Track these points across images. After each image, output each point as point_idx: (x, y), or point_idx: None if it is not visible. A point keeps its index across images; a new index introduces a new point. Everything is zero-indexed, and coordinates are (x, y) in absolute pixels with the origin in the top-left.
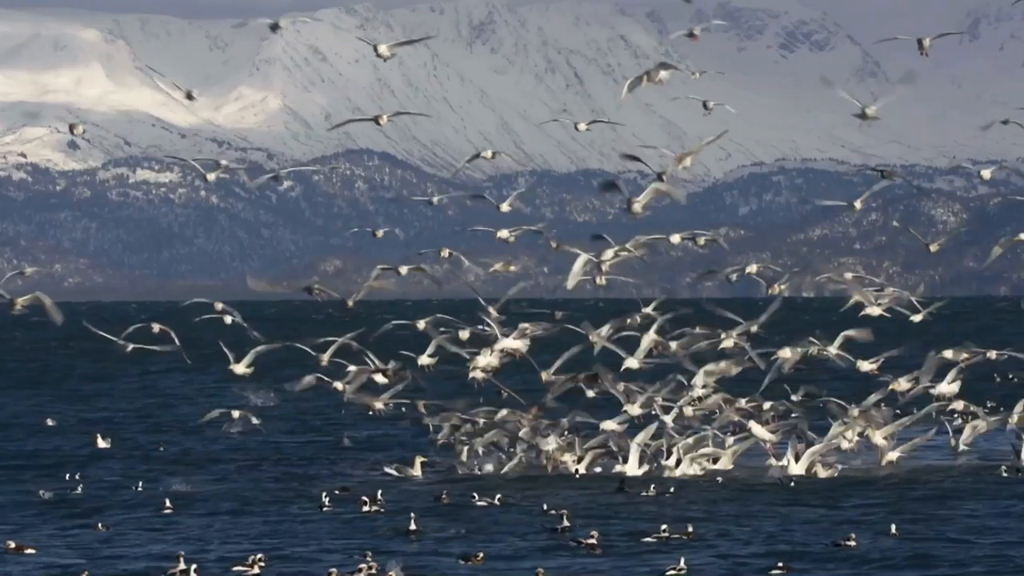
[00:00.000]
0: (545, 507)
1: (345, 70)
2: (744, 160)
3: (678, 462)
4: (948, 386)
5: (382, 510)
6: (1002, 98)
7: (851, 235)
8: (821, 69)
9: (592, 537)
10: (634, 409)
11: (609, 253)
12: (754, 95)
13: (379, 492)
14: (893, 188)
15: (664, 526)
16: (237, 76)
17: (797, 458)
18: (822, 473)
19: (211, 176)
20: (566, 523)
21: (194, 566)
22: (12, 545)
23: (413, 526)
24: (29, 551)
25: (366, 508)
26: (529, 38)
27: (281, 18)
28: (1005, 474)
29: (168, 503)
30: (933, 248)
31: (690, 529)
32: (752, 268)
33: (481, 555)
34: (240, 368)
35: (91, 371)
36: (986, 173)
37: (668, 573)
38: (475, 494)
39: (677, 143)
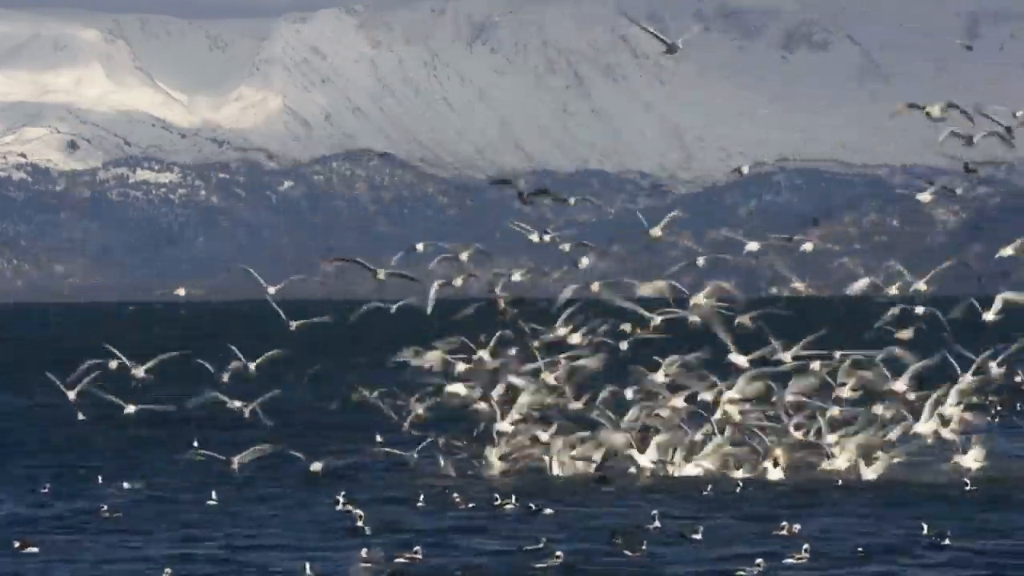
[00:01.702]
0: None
1: (345, 70)
2: (744, 160)
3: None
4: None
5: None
6: (1002, 99)
7: (851, 235)
8: (821, 69)
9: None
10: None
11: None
12: (754, 95)
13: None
14: (892, 188)
15: (784, 523)
16: (237, 76)
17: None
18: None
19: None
20: (658, 524)
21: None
22: (17, 544)
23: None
24: (31, 549)
25: (338, 508)
26: (529, 38)
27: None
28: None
29: (214, 498)
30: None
31: (796, 528)
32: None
33: (645, 545)
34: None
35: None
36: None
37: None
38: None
39: (676, 143)
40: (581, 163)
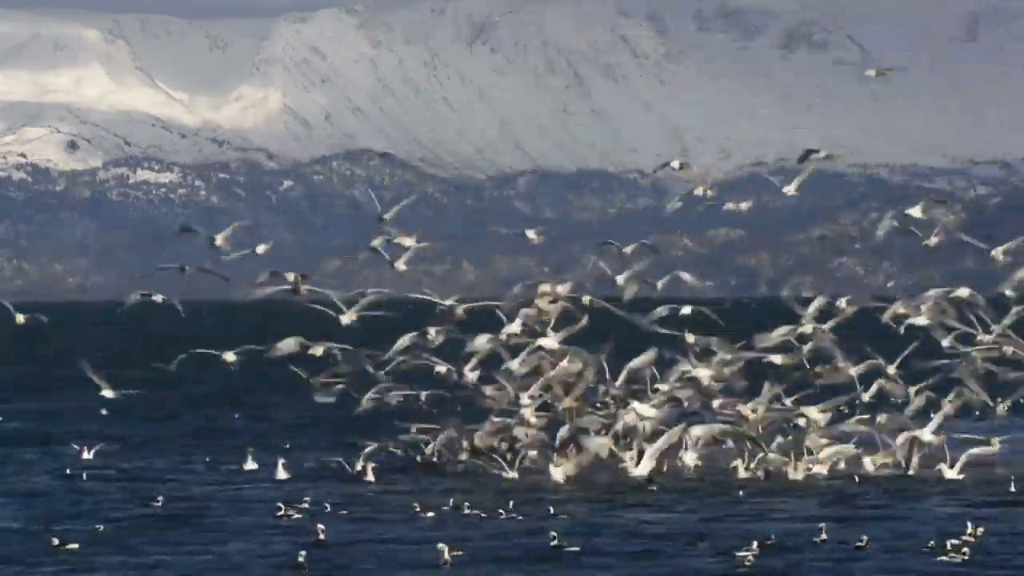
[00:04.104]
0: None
1: (345, 70)
2: (744, 160)
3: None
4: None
5: (296, 515)
6: (1002, 99)
7: (851, 235)
8: (821, 69)
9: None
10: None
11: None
12: (754, 95)
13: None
14: (892, 188)
15: (969, 524)
16: (237, 76)
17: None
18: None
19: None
20: (825, 536)
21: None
22: (56, 542)
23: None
24: (71, 546)
25: (280, 513)
26: (529, 38)
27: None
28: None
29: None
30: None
31: (980, 532)
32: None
33: (867, 540)
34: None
35: None
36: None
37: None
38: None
39: (676, 143)
40: (581, 163)
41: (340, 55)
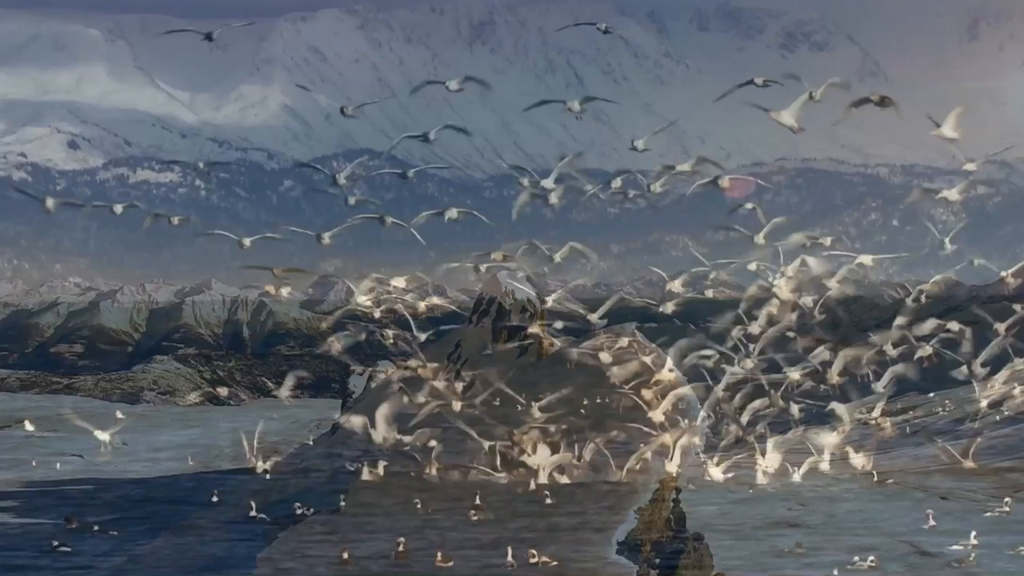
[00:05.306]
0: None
1: (345, 70)
2: (744, 159)
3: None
4: None
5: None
6: (1002, 98)
7: (851, 235)
8: (821, 69)
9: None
10: None
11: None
12: (754, 95)
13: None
14: (892, 188)
15: None
16: (237, 76)
17: None
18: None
19: None
20: (933, 522)
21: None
22: (55, 543)
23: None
24: (65, 548)
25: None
26: (529, 38)
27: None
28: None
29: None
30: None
31: None
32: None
33: (975, 543)
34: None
35: None
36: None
37: None
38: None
39: (676, 143)
40: (581, 163)
41: (340, 55)
